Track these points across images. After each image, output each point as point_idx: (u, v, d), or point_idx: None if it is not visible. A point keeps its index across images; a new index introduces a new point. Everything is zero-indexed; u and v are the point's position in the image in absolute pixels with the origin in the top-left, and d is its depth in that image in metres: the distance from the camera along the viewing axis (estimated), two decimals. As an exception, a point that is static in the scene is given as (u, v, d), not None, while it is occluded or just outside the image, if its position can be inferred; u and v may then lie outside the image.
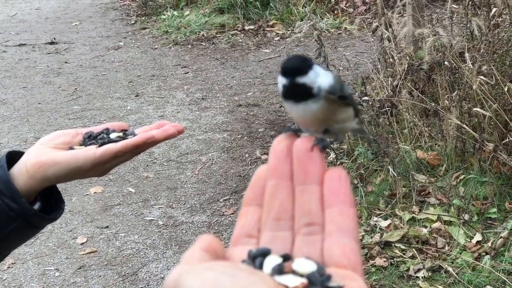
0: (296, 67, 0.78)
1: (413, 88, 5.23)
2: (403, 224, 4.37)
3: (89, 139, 1.30)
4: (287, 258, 0.61)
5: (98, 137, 1.30)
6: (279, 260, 0.61)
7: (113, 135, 1.29)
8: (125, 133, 1.31)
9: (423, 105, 5.08)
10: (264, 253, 0.62)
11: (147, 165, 5.96)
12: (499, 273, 3.78)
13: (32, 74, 9.06)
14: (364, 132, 1.20)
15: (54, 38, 10.75)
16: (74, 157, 1.22)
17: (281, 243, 0.64)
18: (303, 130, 0.80)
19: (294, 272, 0.59)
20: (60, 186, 1.32)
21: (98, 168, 1.24)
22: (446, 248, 4.15)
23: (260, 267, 0.60)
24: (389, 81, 5.45)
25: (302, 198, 0.67)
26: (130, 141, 1.25)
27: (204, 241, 0.61)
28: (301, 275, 0.59)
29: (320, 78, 0.79)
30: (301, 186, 0.67)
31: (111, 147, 1.23)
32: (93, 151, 1.23)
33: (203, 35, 10.08)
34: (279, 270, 0.59)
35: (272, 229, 0.66)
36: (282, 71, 0.79)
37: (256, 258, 0.61)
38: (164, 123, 1.32)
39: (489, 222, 4.30)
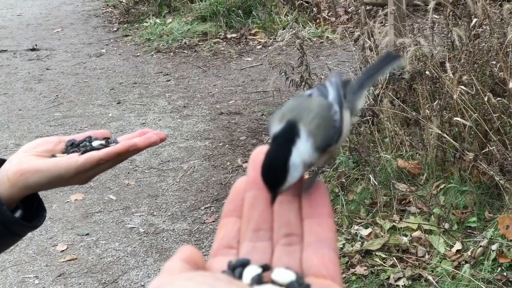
0: (275, 182, 0.69)
1: (394, 97, 5.25)
2: (384, 233, 4.38)
3: (72, 147, 1.29)
4: (266, 268, 0.62)
5: (81, 145, 1.29)
6: (258, 270, 0.61)
7: (95, 143, 1.29)
8: (107, 141, 1.30)
9: (404, 114, 5.10)
10: (244, 264, 0.62)
11: (128, 173, 5.94)
12: (479, 282, 3.80)
13: (13, 80, 9.00)
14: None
15: (36, 45, 10.70)
16: (56, 165, 1.22)
17: (261, 254, 0.65)
18: None
19: (273, 282, 0.60)
20: (41, 193, 1.31)
21: (81, 176, 1.24)
22: (426, 256, 4.16)
23: (240, 277, 0.60)
24: (371, 90, 5.48)
25: (281, 209, 0.67)
26: (112, 148, 1.25)
27: (185, 252, 0.61)
28: (280, 285, 0.59)
29: (301, 152, 0.70)
30: (280, 197, 0.68)
31: (93, 155, 1.23)
32: (75, 159, 1.22)
33: (185, 43, 10.07)
34: (258, 280, 0.59)
35: (252, 240, 0.66)
36: (265, 185, 0.70)
37: (236, 269, 0.61)
38: (146, 131, 1.32)
39: (469, 231, 4.33)
